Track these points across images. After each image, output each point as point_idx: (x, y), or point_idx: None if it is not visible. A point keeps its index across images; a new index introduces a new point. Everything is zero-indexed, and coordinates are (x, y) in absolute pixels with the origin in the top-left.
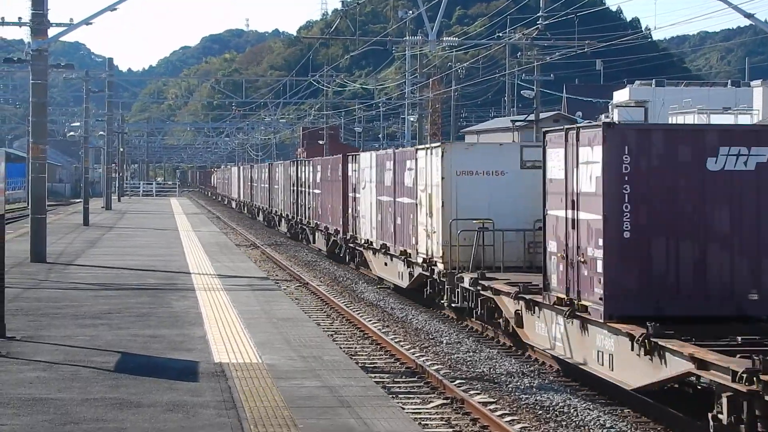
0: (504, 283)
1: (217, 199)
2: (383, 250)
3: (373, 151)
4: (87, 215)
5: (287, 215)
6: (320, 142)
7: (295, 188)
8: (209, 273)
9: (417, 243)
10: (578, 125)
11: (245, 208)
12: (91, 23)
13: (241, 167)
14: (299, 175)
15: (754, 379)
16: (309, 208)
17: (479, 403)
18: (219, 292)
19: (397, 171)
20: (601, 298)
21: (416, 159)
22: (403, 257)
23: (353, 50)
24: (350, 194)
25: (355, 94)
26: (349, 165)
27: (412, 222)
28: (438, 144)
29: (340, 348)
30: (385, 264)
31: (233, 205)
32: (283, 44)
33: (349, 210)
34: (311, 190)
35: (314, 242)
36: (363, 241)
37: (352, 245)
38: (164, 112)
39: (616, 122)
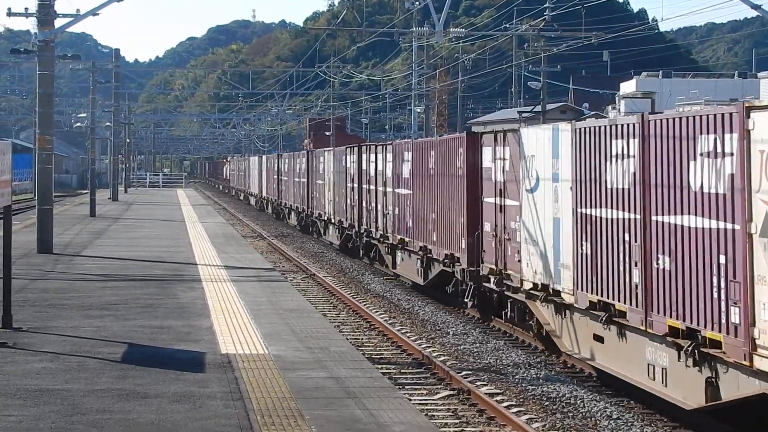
0: None
1: (230, 193)
2: (616, 320)
3: (556, 121)
4: (93, 206)
5: (340, 221)
6: (327, 133)
7: (357, 185)
8: (216, 264)
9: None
10: None
11: (269, 206)
12: (97, 14)
13: (264, 157)
14: (365, 167)
15: None
16: (386, 216)
17: (486, 394)
18: (225, 283)
19: (663, 157)
20: None
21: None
22: (687, 347)
23: (360, 41)
24: (490, 200)
25: (362, 86)
26: (485, 150)
27: (741, 269)
28: None
29: (347, 339)
30: (618, 339)
31: (252, 201)
32: (289, 35)
33: (488, 226)
34: (390, 190)
35: (395, 266)
36: (530, 286)
37: (501, 288)
38: (171, 103)
39: None
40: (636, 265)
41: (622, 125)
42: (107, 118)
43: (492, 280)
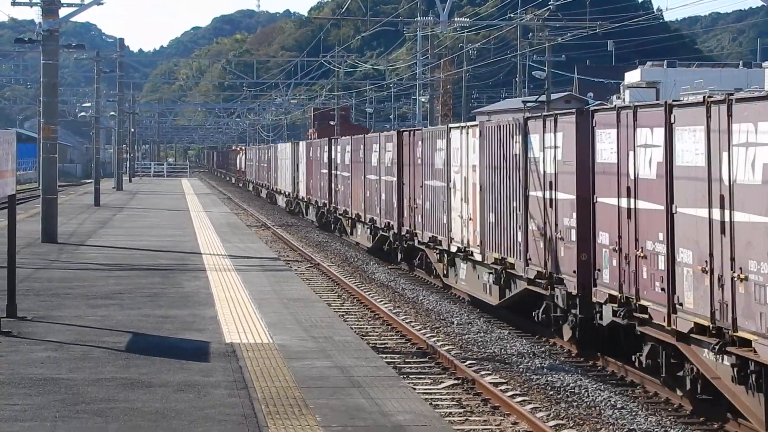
0: None
1: (246, 188)
2: None
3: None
4: (98, 196)
5: (503, 263)
6: (331, 122)
7: (583, 195)
8: (220, 253)
9: None
10: None
11: (309, 211)
12: (102, 3)
13: (304, 143)
14: (607, 157)
15: None
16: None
17: (490, 383)
18: (230, 273)
19: None
20: None
21: None
22: None
23: (364, 31)
24: None
25: (366, 75)
26: None
27: None
28: None
29: (351, 328)
30: None
31: (280, 201)
32: (294, 25)
33: None
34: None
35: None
36: None
37: None
38: (175, 92)
39: None
40: None
41: None
42: (111, 108)
43: None
